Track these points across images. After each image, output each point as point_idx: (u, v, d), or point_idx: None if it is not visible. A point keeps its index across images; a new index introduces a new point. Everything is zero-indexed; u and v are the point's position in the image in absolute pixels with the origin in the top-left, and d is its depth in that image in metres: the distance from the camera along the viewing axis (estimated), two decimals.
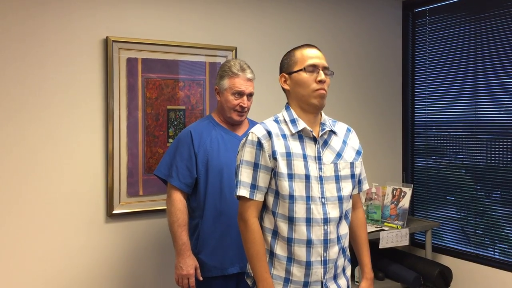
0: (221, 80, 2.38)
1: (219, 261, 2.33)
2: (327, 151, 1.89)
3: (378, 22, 3.69)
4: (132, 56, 2.74)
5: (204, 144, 2.35)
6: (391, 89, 3.78)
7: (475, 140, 3.34)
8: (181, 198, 2.33)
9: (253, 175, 1.83)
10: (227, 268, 2.33)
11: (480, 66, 3.30)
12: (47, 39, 2.54)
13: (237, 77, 2.34)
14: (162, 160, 2.41)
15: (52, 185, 2.56)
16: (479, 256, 3.30)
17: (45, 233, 2.55)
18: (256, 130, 1.86)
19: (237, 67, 2.35)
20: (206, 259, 2.34)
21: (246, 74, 2.36)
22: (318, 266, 1.83)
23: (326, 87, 1.85)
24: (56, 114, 2.57)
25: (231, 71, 2.35)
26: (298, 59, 1.88)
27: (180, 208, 2.32)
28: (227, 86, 2.34)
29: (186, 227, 2.33)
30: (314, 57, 1.87)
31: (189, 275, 2.29)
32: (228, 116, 2.38)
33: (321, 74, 1.84)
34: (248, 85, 2.36)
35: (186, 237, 2.31)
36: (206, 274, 2.34)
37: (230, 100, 2.34)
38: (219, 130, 2.40)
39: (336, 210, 1.85)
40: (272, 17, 3.24)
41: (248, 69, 2.38)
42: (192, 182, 2.34)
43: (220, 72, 2.40)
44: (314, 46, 1.92)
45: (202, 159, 2.33)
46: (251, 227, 1.82)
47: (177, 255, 2.32)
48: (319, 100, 1.85)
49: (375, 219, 3.22)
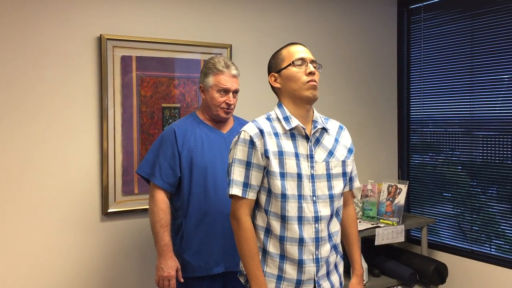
0: (205, 77, 2.34)
1: (204, 261, 2.29)
2: (319, 149, 1.89)
3: (373, 19, 3.69)
4: (126, 54, 2.74)
5: (188, 142, 2.31)
6: (386, 85, 3.78)
7: (470, 136, 3.34)
8: (164, 198, 2.29)
9: (245, 174, 1.83)
10: (212, 268, 2.29)
11: (475, 63, 3.30)
12: (40, 37, 2.53)
13: (222, 74, 2.31)
14: (145, 159, 2.37)
15: (46, 184, 2.56)
16: (475, 252, 3.31)
17: (40, 232, 2.55)
18: (248, 128, 1.86)
19: (221, 64, 2.32)
20: (190, 259, 2.30)
21: (231, 71, 2.33)
22: (310, 264, 1.84)
23: (316, 79, 1.86)
24: (50, 112, 2.56)
25: (215, 68, 2.31)
26: (285, 56, 1.89)
27: (163, 208, 2.27)
28: (212, 84, 2.31)
29: (169, 227, 2.29)
30: (301, 51, 1.89)
31: (170, 276, 2.25)
32: (215, 114, 2.35)
33: (310, 66, 1.85)
34: (234, 81, 2.33)
35: (168, 238, 2.27)
36: (191, 274, 2.31)
37: (216, 97, 2.31)
38: (204, 128, 2.37)
39: (327, 208, 1.86)
40: (267, 14, 3.23)
41: (233, 65, 2.35)
42: (175, 182, 2.30)
43: (204, 70, 2.37)
44: (299, 43, 1.94)
45: (186, 158, 2.30)
46: (243, 225, 1.82)
47: (159, 256, 2.27)
48: (312, 92, 1.85)
49: (370, 216, 3.23)
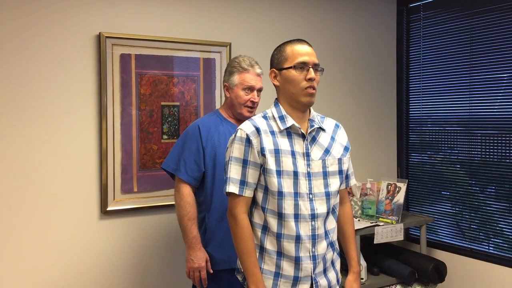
0: (230, 76, 2.39)
1: (226, 255, 2.34)
2: (315, 147, 1.90)
3: (372, 17, 3.69)
4: (125, 52, 2.74)
5: (212, 138, 2.36)
6: (385, 84, 3.78)
7: (469, 135, 3.34)
8: (190, 192, 2.34)
9: (242, 172, 1.83)
10: (235, 261, 2.30)
11: (474, 61, 3.30)
12: (39, 35, 2.54)
13: (247, 72, 2.36)
14: (170, 154, 2.42)
15: (46, 183, 2.57)
16: (474, 251, 3.31)
17: (39, 231, 2.56)
18: (244, 126, 1.87)
19: (246, 62, 2.38)
20: (213, 252, 2.36)
21: (256, 70, 2.39)
22: (307, 261, 1.85)
23: (315, 85, 1.86)
24: (49, 111, 2.57)
25: (240, 66, 2.37)
26: (288, 56, 1.87)
27: (189, 201, 2.32)
28: (238, 82, 2.36)
29: (196, 220, 2.34)
30: (304, 53, 1.86)
31: (200, 267, 2.32)
32: (238, 112, 2.40)
33: (311, 72, 1.84)
34: (258, 80, 2.39)
35: (196, 231, 2.33)
36: (214, 267, 2.36)
37: (241, 95, 2.36)
38: (227, 125, 2.42)
39: (323, 206, 1.87)
40: (266, 12, 3.24)
41: (257, 64, 2.41)
42: (200, 176, 2.36)
43: (229, 69, 2.42)
44: (305, 42, 1.92)
45: (210, 154, 2.35)
46: (240, 223, 1.83)
47: (188, 248, 2.33)
48: (308, 99, 1.85)
49: (370, 215, 3.23)
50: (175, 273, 2.89)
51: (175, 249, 2.89)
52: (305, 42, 1.92)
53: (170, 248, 2.89)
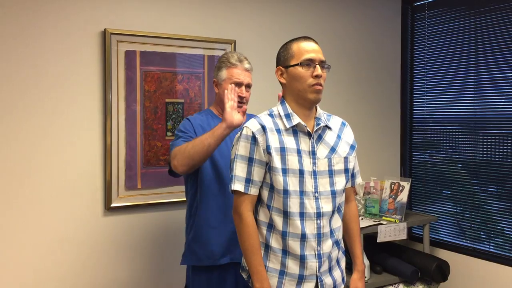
0: (219, 71, 2.37)
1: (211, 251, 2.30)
2: (321, 146, 1.89)
3: (377, 16, 3.68)
4: (130, 48, 2.74)
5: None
6: (389, 83, 3.77)
7: (472, 134, 3.34)
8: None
9: (247, 170, 1.83)
10: (219, 258, 2.30)
11: (479, 61, 3.29)
12: (44, 32, 2.54)
13: (235, 67, 2.33)
14: (171, 146, 2.36)
15: (50, 179, 2.57)
16: (477, 250, 3.31)
17: (43, 227, 2.56)
18: (250, 124, 1.86)
19: (235, 58, 2.35)
20: (198, 248, 2.31)
21: (244, 65, 2.35)
22: (312, 260, 1.85)
23: (322, 82, 1.85)
24: (53, 107, 2.57)
25: (229, 62, 2.34)
26: (294, 53, 1.87)
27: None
28: (226, 77, 2.33)
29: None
30: (310, 50, 1.86)
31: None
32: None
33: (318, 68, 1.84)
34: (246, 75, 2.36)
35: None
36: (198, 262, 2.32)
37: None
38: (218, 122, 2.37)
39: (329, 204, 1.87)
40: (271, 10, 3.23)
41: (246, 60, 2.38)
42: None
43: (218, 64, 2.40)
44: (311, 39, 1.92)
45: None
46: (245, 220, 1.83)
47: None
48: (315, 95, 1.85)
49: (373, 213, 3.23)
50: (179, 270, 2.89)
51: (178, 245, 2.89)
52: (311, 39, 1.92)
53: (174, 245, 2.89)
